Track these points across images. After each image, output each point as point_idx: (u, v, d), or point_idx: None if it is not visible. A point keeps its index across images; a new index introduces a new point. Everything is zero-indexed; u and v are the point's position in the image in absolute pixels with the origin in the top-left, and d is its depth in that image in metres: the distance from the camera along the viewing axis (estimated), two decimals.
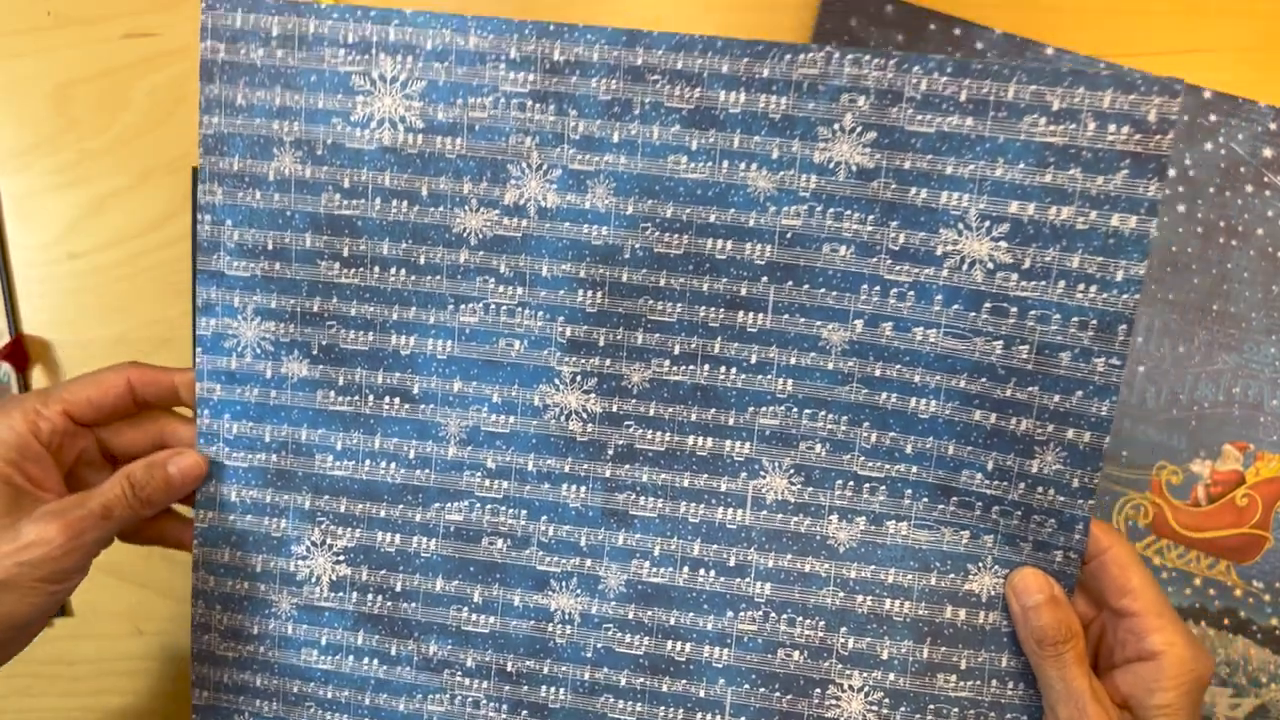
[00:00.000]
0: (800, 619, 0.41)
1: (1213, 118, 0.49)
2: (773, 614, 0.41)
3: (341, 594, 0.43)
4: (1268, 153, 0.49)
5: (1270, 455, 0.49)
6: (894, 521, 0.41)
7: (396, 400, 0.42)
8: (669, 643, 0.42)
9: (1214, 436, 0.49)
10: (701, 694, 0.42)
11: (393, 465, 0.42)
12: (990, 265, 0.38)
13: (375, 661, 0.43)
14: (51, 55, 0.50)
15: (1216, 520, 0.49)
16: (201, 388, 0.42)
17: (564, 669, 0.42)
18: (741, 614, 0.41)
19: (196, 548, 0.43)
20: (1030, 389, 0.38)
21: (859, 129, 0.38)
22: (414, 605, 0.43)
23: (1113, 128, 0.36)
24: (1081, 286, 0.38)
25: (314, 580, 0.43)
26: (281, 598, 0.43)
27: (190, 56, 0.50)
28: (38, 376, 0.50)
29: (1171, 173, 0.49)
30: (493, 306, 0.41)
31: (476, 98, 0.40)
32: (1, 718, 0.50)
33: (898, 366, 0.39)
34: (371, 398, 0.42)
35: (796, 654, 0.41)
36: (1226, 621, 0.49)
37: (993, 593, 0.40)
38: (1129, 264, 0.37)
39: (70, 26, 0.50)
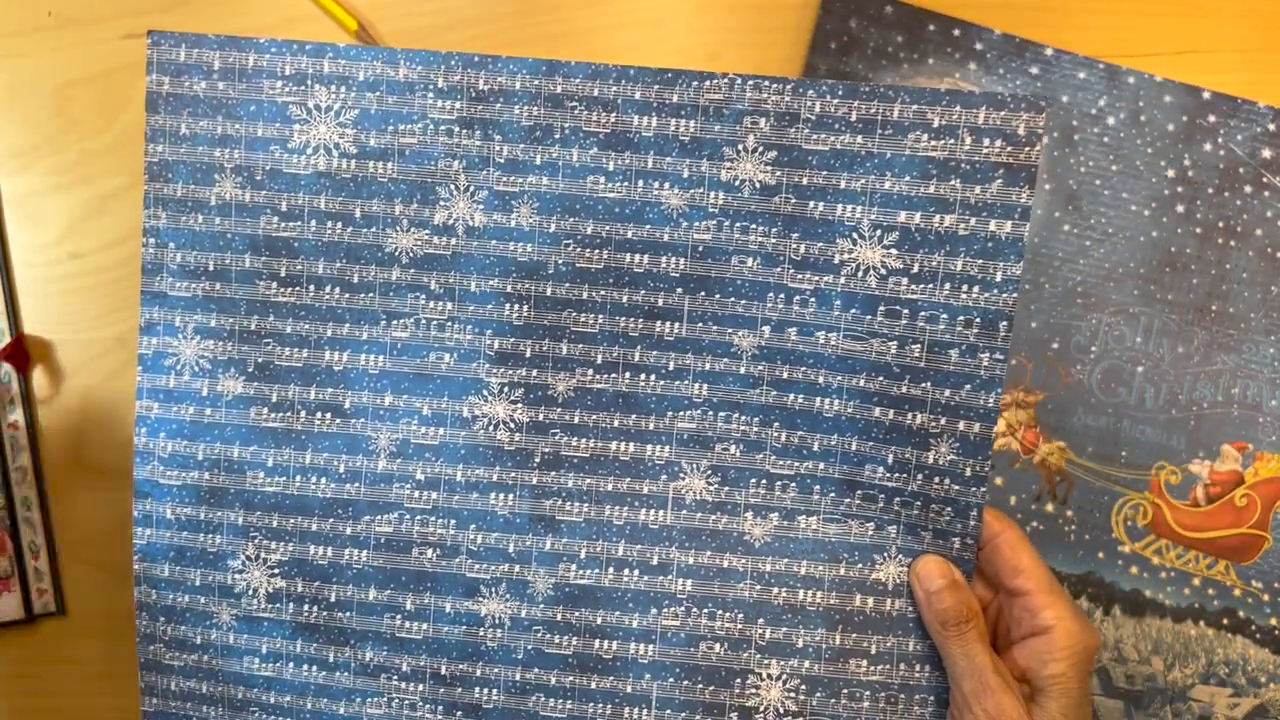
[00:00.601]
0: (720, 612, 0.43)
1: (1212, 118, 0.49)
2: (694, 609, 0.43)
3: (279, 605, 0.44)
4: (1267, 153, 0.49)
5: (1269, 455, 0.49)
6: (805, 516, 0.43)
7: (328, 415, 0.44)
8: (596, 641, 0.43)
9: (1213, 437, 0.49)
10: (629, 689, 0.43)
11: (323, 480, 0.44)
12: (883, 271, 0.41)
13: (314, 668, 0.44)
14: (52, 56, 0.50)
15: (1215, 520, 0.49)
16: (140, 405, 0.44)
17: (496, 671, 0.44)
18: (665, 610, 0.43)
19: (137, 563, 0.44)
20: (924, 385, 0.41)
21: (761, 149, 0.41)
22: (349, 615, 0.44)
23: (987, 141, 0.40)
24: (965, 288, 0.41)
25: (251, 592, 0.44)
26: (221, 609, 0.44)
27: None
28: (38, 377, 0.50)
29: (1170, 173, 0.49)
30: (423, 321, 0.43)
31: (406, 124, 0.42)
32: (1, 717, 0.50)
33: (803, 369, 0.42)
34: (304, 413, 0.44)
35: (717, 646, 0.43)
36: (1225, 621, 0.49)
37: (898, 580, 0.43)
38: (1006, 265, 0.40)
39: (71, 27, 0.50)
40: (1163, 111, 0.49)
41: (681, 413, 0.43)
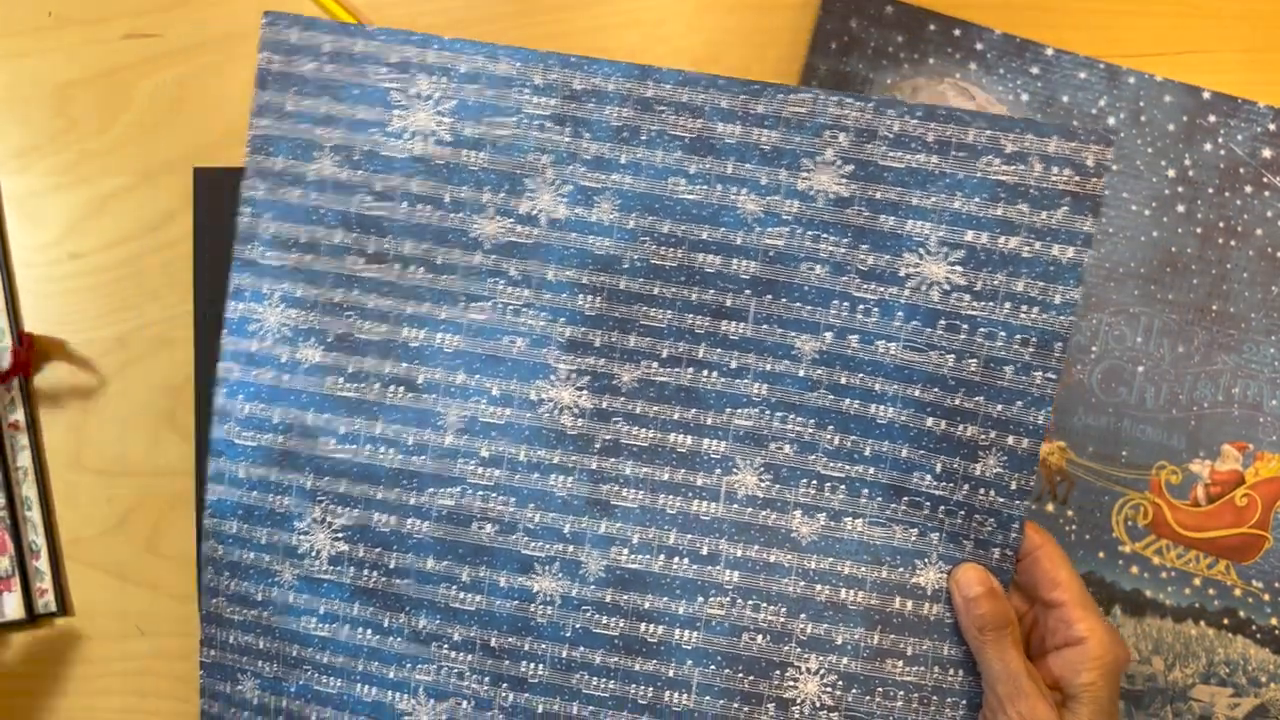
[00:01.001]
0: (764, 605, 0.44)
1: (1212, 118, 0.49)
2: (739, 600, 0.44)
3: (339, 568, 0.45)
4: (1267, 153, 0.49)
5: (1270, 455, 0.49)
6: (851, 518, 0.44)
7: (401, 389, 0.45)
8: (643, 625, 0.44)
9: (1213, 436, 0.49)
10: (671, 673, 0.44)
11: (391, 450, 0.45)
12: (946, 286, 0.43)
13: (369, 631, 0.45)
14: (52, 56, 0.50)
15: (1216, 520, 0.49)
16: (222, 367, 0.45)
17: (543, 646, 0.45)
18: (711, 599, 0.44)
19: (207, 518, 0.45)
20: (977, 399, 0.43)
21: (838, 162, 0.43)
22: (406, 582, 0.45)
23: (1056, 169, 0.42)
24: (1024, 308, 0.42)
25: (314, 554, 0.45)
26: (284, 568, 0.45)
27: (191, 57, 0.50)
28: (39, 377, 0.50)
29: (1171, 173, 0.49)
30: (500, 305, 0.45)
31: (502, 117, 0.44)
32: (2, 716, 0.50)
33: (861, 375, 0.44)
34: (378, 385, 0.45)
35: (759, 638, 0.44)
36: (1226, 621, 0.49)
37: (937, 586, 0.44)
38: (1065, 289, 0.42)
39: (71, 27, 0.50)
40: (1163, 111, 0.49)
41: (740, 410, 0.44)
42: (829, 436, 0.44)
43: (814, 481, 0.44)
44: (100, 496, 0.50)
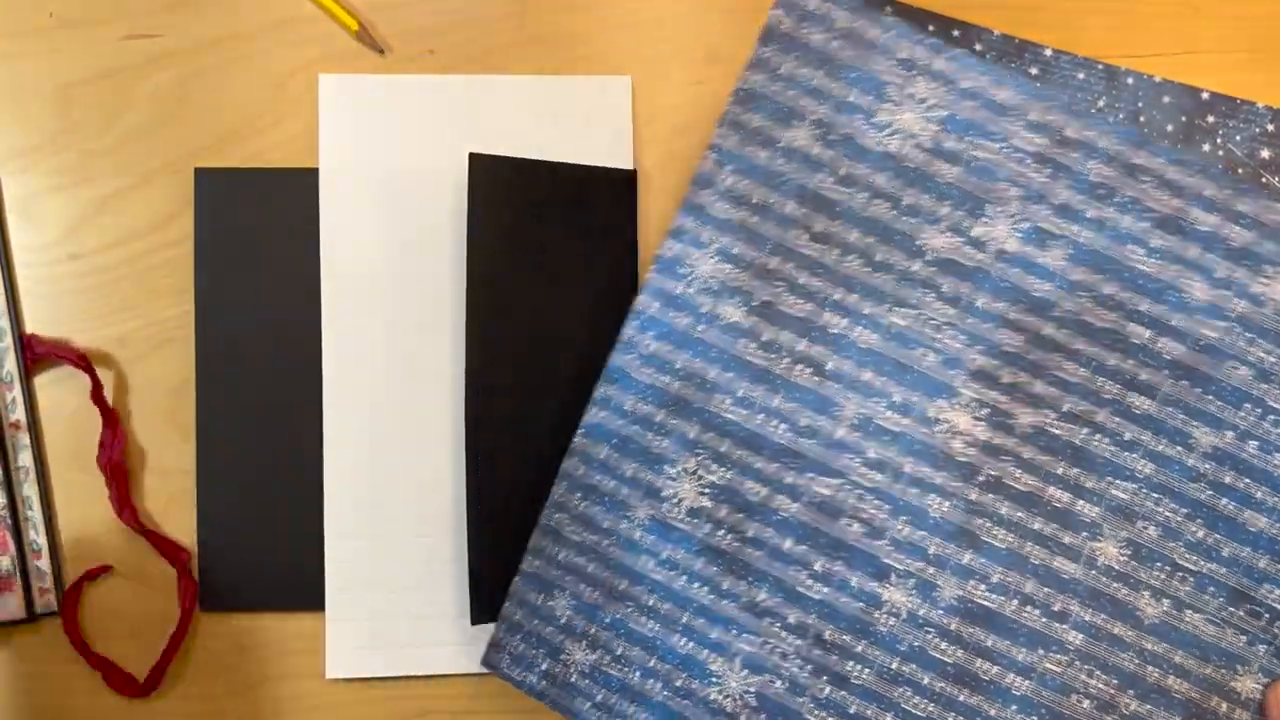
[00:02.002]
0: (1098, 673, 0.45)
1: (1210, 119, 0.49)
2: (1078, 662, 0.45)
3: (696, 521, 0.46)
4: (1265, 154, 0.49)
5: None
6: (1192, 611, 0.45)
7: (808, 370, 0.46)
8: (979, 660, 0.45)
9: None
10: (992, 713, 0.45)
11: (783, 426, 0.46)
12: None
13: (705, 589, 0.46)
14: (53, 56, 0.50)
15: None
16: (641, 300, 0.46)
17: (876, 653, 0.45)
18: (1051, 654, 0.45)
19: (578, 437, 0.46)
20: None
21: None
22: (759, 553, 0.45)
23: None
24: None
25: (675, 501, 0.46)
26: (641, 506, 0.46)
27: (191, 58, 0.50)
28: (40, 377, 0.50)
29: None
30: (924, 318, 0.45)
31: (986, 140, 0.45)
32: (2, 716, 0.50)
33: (1247, 480, 0.45)
34: (787, 360, 0.46)
35: (1086, 703, 0.45)
36: None
37: (1250, 695, 0.45)
38: None
39: (72, 28, 0.50)
40: (1161, 112, 0.49)
41: (1120, 482, 0.45)
42: (1194, 529, 0.45)
43: (1167, 567, 0.45)
44: (100, 496, 0.50)
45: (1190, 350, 0.45)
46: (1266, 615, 0.45)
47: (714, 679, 0.45)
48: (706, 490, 0.46)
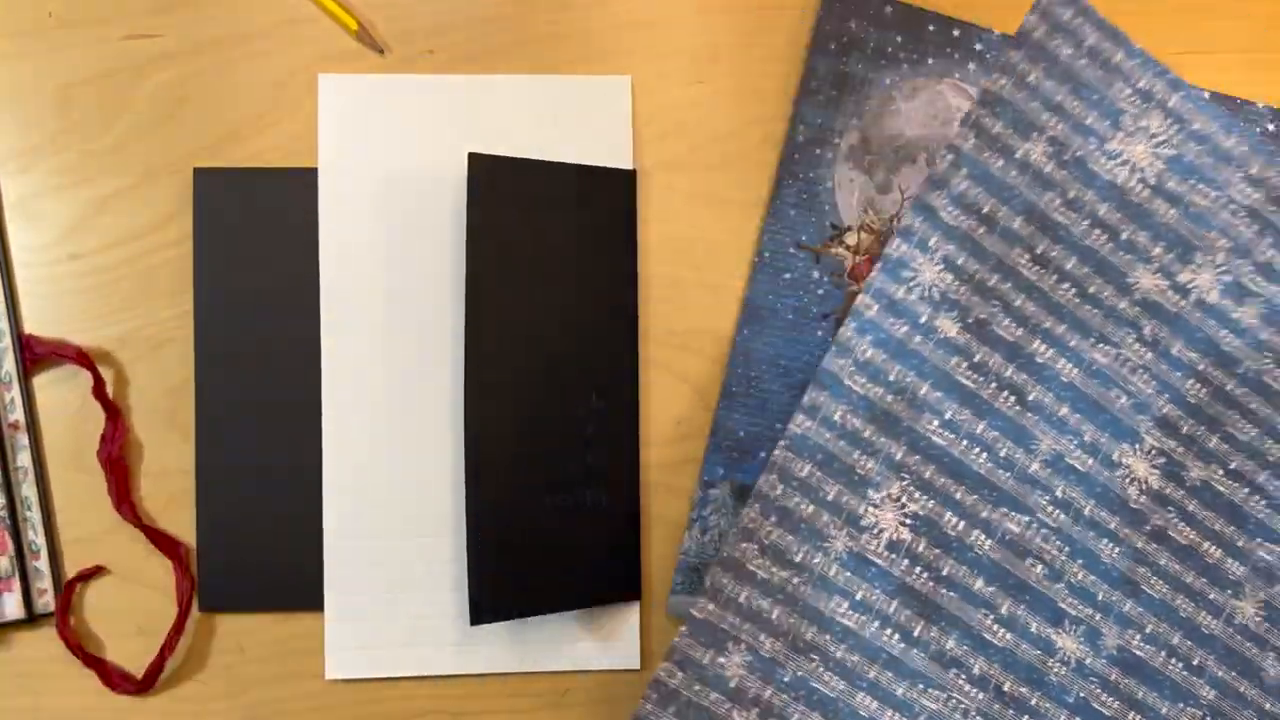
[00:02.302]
0: None
1: None
2: (1210, 716, 0.45)
3: (895, 555, 0.44)
4: None
5: None
6: None
7: (1012, 398, 0.45)
8: (1131, 713, 0.45)
9: None
10: None
11: (984, 455, 0.44)
12: None
13: (896, 636, 0.44)
14: (53, 57, 0.50)
15: None
16: (862, 300, 0.44)
17: (1048, 706, 0.45)
18: (1188, 708, 0.45)
19: (780, 449, 0.43)
20: None
21: None
22: (953, 595, 0.44)
23: None
24: None
25: (876, 531, 0.44)
26: (839, 535, 0.43)
27: (191, 58, 0.50)
28: (40, 377, 0.50)
29: None
30: (1123, 357, 0.45)
31: (1206, 186, 0.45)
32: (2, 716, 0.50)
33: None
34: (994, 385, 0.44)
35: None
36: None
37: None
38: None
39: (72, 28, 0.50)
40: None
41: (1268, 544, 0.46)
42: None
43: None
44: (99, 497, 0.50)
45: None
46: None
47: None
48: (908, 521, 0.44)
